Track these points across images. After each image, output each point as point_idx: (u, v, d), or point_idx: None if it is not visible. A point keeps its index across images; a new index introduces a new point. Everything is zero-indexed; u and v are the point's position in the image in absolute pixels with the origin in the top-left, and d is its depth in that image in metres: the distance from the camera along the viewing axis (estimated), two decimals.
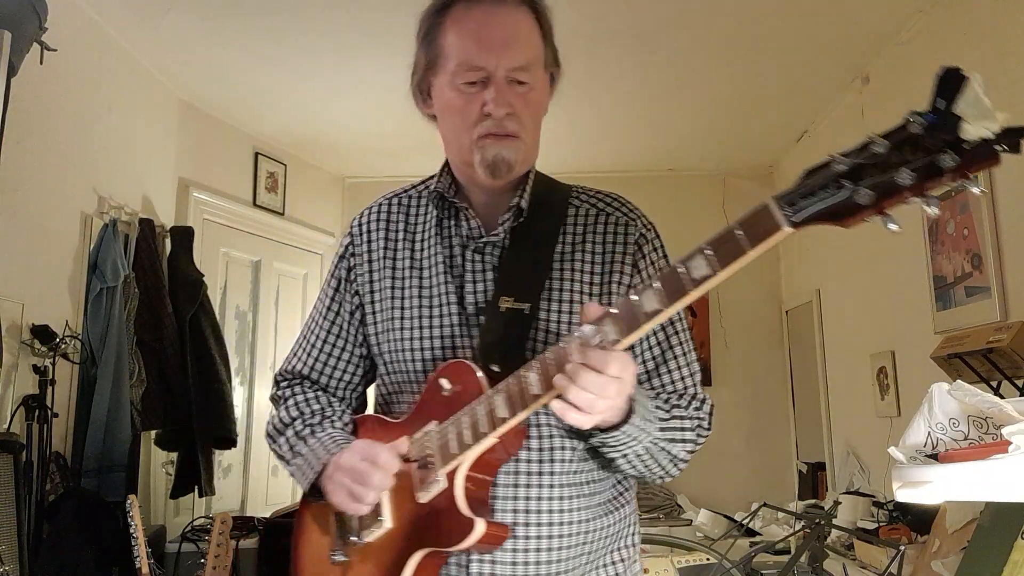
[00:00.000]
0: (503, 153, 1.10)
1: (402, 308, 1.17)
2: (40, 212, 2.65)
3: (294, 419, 1.20)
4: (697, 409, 1.14)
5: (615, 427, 0.99)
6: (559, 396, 0.91)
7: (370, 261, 1.21)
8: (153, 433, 3.20)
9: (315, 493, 1.12)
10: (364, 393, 1.31)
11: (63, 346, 2.55)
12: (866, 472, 3.45)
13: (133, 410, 2.86)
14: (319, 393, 1.25)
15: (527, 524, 1.07)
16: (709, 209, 4.60)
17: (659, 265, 1.17)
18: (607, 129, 4.11)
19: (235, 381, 3.81)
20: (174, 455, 3.30)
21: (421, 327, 1.14)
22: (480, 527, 0.99)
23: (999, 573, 1.24)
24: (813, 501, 3.78)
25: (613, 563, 1.16)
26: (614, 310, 0.90)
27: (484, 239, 1.15)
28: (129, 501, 2.21)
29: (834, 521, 2.42)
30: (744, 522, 3.06)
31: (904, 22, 2.98)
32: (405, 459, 1.06)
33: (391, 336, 1.17)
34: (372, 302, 1.20)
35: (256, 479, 4.12)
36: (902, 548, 2.07)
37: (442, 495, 1.02)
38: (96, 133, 3.02)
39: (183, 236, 3.46)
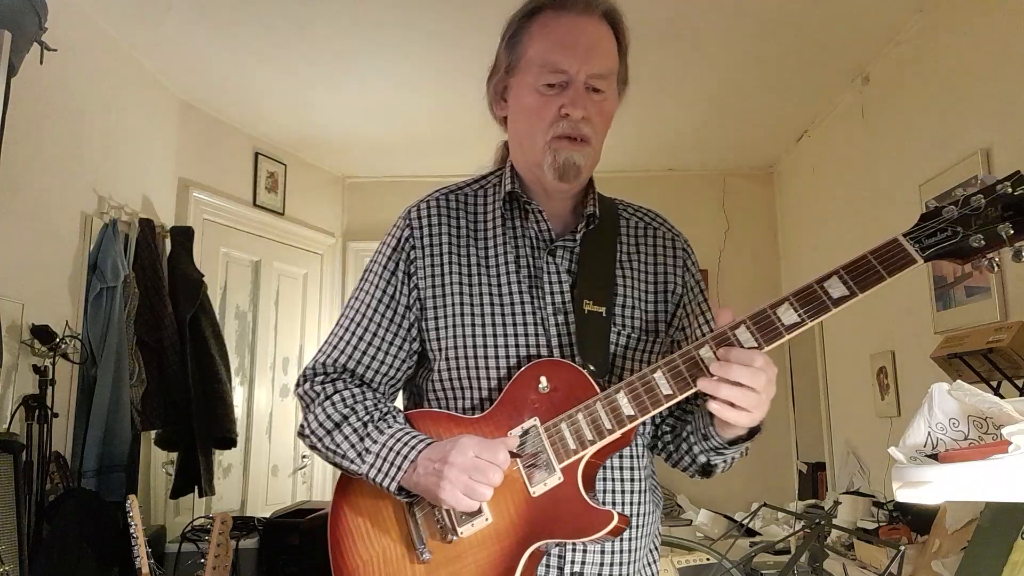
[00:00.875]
0: (574, 157, 1.14)
1: (472, 305, 1.16)
2: (40, 212, 2.65)
3: (346, 416, 1.15)
4: None
5: (742, 440, 1.10)
6: (706, 397, 0.99)
7: (432, 255, 1.19)
8: (153, 433, 3.20)
9: (400, 490, 1.10)
10: (400, 390, 1.29)
11: (63, 346, 2.55)
12: (866, 472, 3.44)
13: (133, 410, 2.86)
14: (363, 388, 1.20)
15: (627, 516, 1.13)
16: (709, 209, 4.61)
17: (697, 278, 1.28)
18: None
19: (235, 381, 3.81)
20: (174, 455, 3.30)
21: (495, 324, 1.15)
22: (616, 518, 1.03)
23: (999, 573, 1.24)
24: (813, 501, 3.78)
25: (651, 550, 1.24)
26: (749, 320, 1.00)
27: (558, 243, 1.19)
28: (129, 501, 2.20)
29: (834, 521, 2.42)
30: (744, 522, 3.06)
31: (904, 22, 2.98)
32: (514, 455, 1.07)
33: (460, 332, 1.16)
34: (435, 296, 1.18)
35: (256, 479, 4.12)
36: (902, 548, 2.07)
37: (560, 488, 1.05)
38: (96, 133, 3.02)
39: (183, 236, 3.46)
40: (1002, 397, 1.21)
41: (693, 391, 1.01)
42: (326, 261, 4.77)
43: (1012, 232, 0.91)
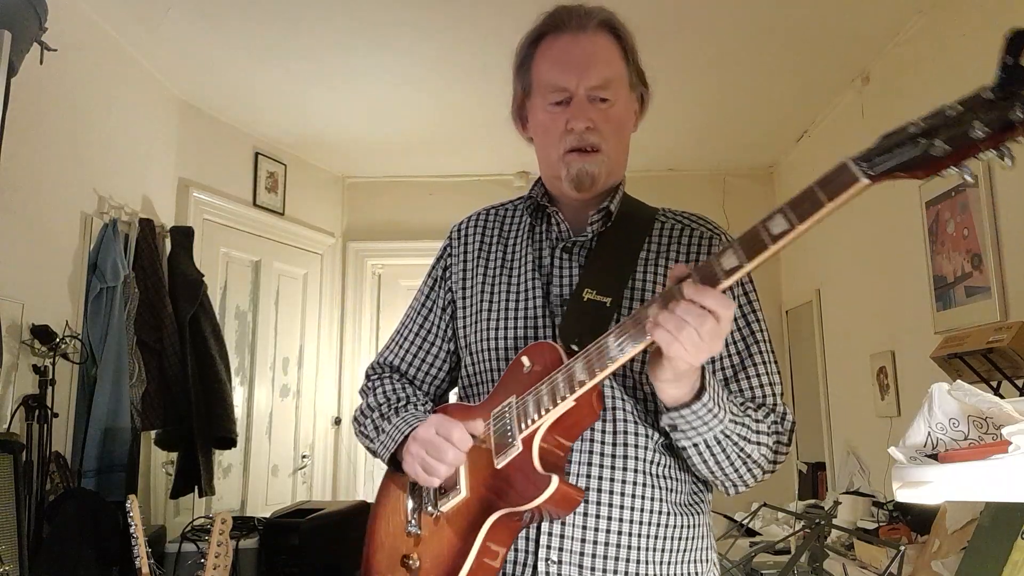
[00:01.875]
0: (587, 167, 1.19)
1: (490, 302, 1.25)
2: (40, 212, 2.65)
3: (380, 404, 1.29)
4: (776, 423, 1.16)
5: (687, 404, 1.03)
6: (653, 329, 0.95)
7: (464, 261, 1.32)
8: (153, 433, 3.20)
9: (396, 466, 1.20)
10: (447, 392, 1.39)
11: (63, 346, 2.55)
12: (866, 472, 3.45)
13: (133, 410, 2.86)
14: (405, 384, 1.34)
15: (599, 503, 1.11)
16: (709, 209, 4.54)
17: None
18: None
19: (235, 381, 3.81)
20: (174, 455, 3.30)
21: (506, 317, 1.22)
22: (554, 483, 1.02)
23: (999, 573, 1.24)
24: (813, 501, 3.78)
25: (696, 573, 1.17)
26: (694, 270, 0.95)
27: (573, 239, 1.24)
28: (129, 501, 2.20)
29: (834, 521, 2.42)
30: (744, 522, 3.06)
31: (904, 22, 2.98)
32: (481, 438, 1.12)
33: (478, 327, 1.25)
34: (463, 297, 1.30)
35: (256, 479, 4.12)
36: (902, 548, 2.07)
37: (518, 458, 1.07)
38: (96, 133, 3.02)
39: (183, 236, 3.46)
40: (1002, 397, 1.21)
41: (638, 349, 0.98)
42: (326, 261, 4.77)
43: (986, 131, 0.75)
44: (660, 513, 1.13)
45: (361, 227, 4.89)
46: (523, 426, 1.08)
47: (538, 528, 1.12)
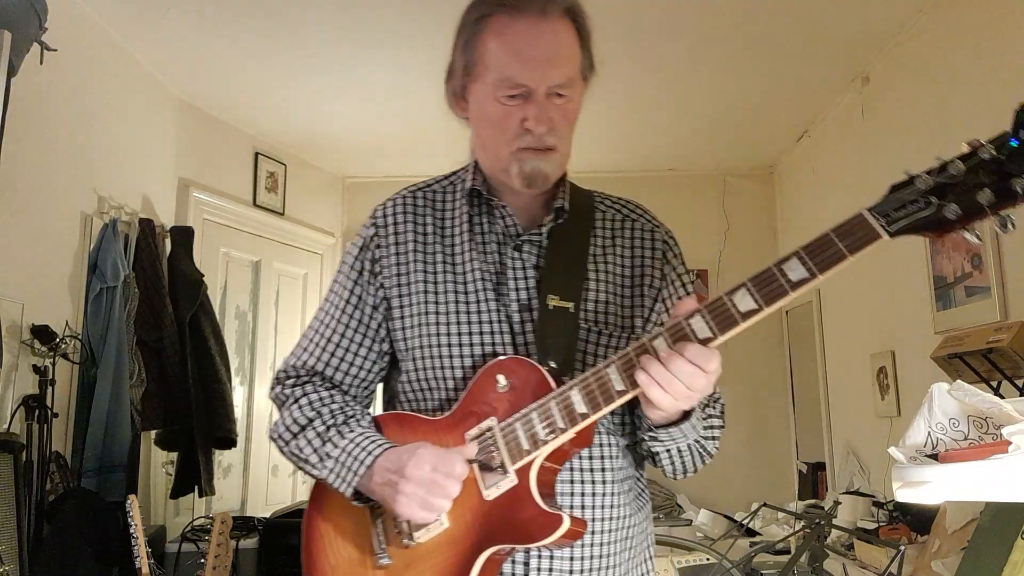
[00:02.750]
0: (541, 166, 1.12)
1: (436, 303, 1.15)
2: (40, 212, 2.65)
3: (311, 419, 1.14)
4: (721, 414, 1.19)
5: (676, 423, 1.04)
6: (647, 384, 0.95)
7: (398, 253, 1.19)
8: (153, 433, 3.20)
9: (357, 496, 1.09)
10: (374, 392, 1.27)
11: (63, 346, 2.55)
12: (866, 472, 3.44)
13: (133, 410, 2.86)
14: (333, 391, 1.19)
15: (585, 520, 1.10)
16: (709, 209, 4.61)
17: (679, 271, 1.22)
18: (607, 129, 4.11)
19: (235, 381, 3.81)
20: (174, 455, 3.30)
21: (459, 322, 1.13)
22: (567, 522, 0.99)
23: (999, 573, 1.24)
24: (813, 501, 3.78)
25: (646, 560, 1.20)
26: (705, 308, 0.94)
27: (524, 237, 1.16)
28: (129, 501, 2.20)
29: (834, 521, 2.42)
30: (744, 522, 3.06)
31: (904, 22, 2.98)
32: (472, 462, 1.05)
33: (425, 331, 1.14)
34: (400, 295, 1.17)
35: (256, 479, 4.12)
36: (902, 548, 2.07)
37: (514, 491, 1.02)
38: (96, 133, 3.02)
39: (183, 236, 3.46)
40: (1002, 397, 1.21)
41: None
42: (326, 261, 4.77)
43: (993, 200, 0.81)
44: (626, 516, 1.15)
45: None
46: (515, 456, 1.02)
47: (527, 551, 1.07)
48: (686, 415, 1.03)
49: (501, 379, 1.06)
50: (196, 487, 3.21)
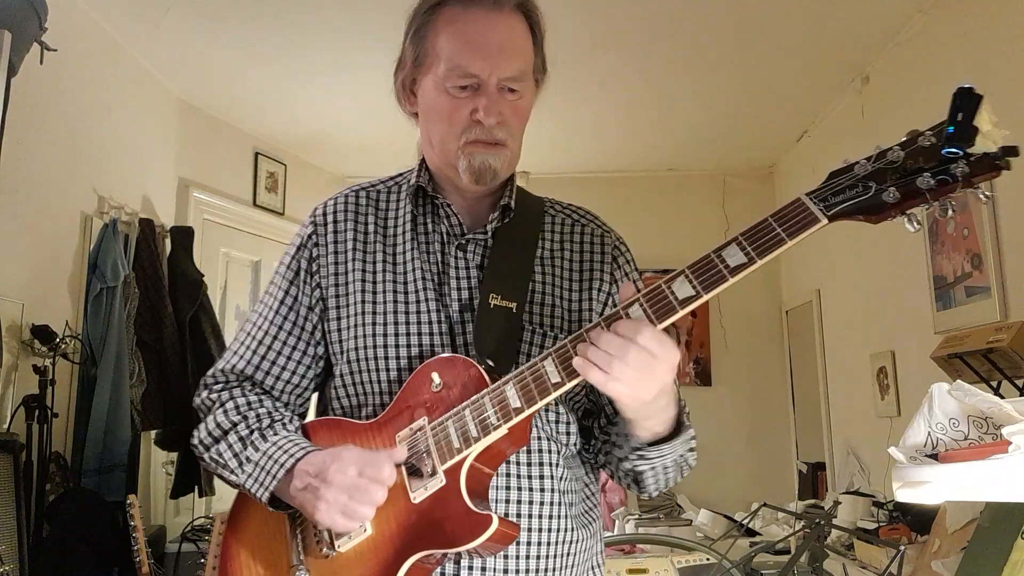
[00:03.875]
0: (489, 161, 1.08)
1: (374, 303, 1.10)
2: (40, 212, 2.65)
3: (235, 424, 1.08)
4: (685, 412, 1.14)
5: (665, 440, 1.01)
6: (598, 373, 0.90)
7: (336, 252, 1.14)
8: (153, 433, 3.20)
9: (275, 504, 1.03)
10: (309, 400, 1.20)
11: (63, 346, 2.55)
12: (866, 472, 3.44)
13: (133, 410, 2.86)
14: (262, 396, 1.13)
15: (518, 524, 1.04)
16: (709, 209, 4.60)
17: (632, 278, 1.19)
18: (607, 130, 4.11)
19: None
20: (174, 455, 3.30)
21: (397, 323, 1.08)
22: (494, 524, 0.93)
23: (999, 573, 1.24)
24: (813, 501, 3.78)
25: None
26: (643, 297, 0.91)
27: (468, 236, 1.12)
28: (129, 501, 2.20)
29: (834, 521, 2.42)
30: (744, 522, 3.05)
31: (904, 22, 2.98)
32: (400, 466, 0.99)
33: (360, 332, 1.09)
34: (337, 296, 1.12)
35: None
36: (902, 548, 2.07)
37: (442, 491, 0.97)
38: (96, 133, 3.02)
39: (183, 236, 3.46)
40: (1002, 397, 1.21)
41: (581, 377, 0.92)
42: None
43: (933, 184, 0.80)
44: (568, 530, 1.09)
45: None
46: (445, 455, 0.97)
47: (456, 563, 1.02)
48: (677, 431, 1.02)
49: (435, 377, 1.01)
50: (196, 487, 3.22)
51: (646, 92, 3.68)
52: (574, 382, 0.93)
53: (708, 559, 2.54)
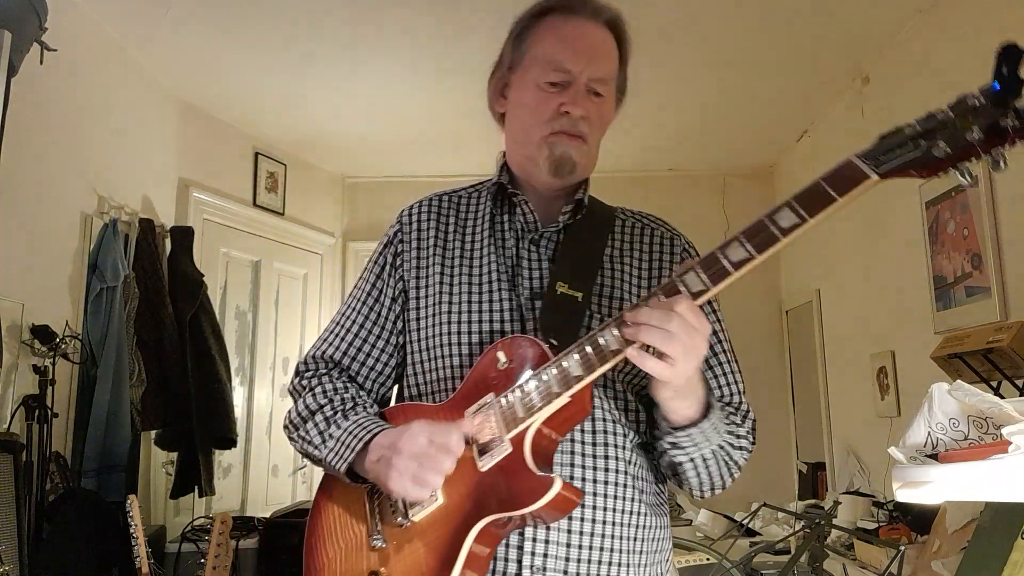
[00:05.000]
0: (570, 151, 1.15)
1: (450, 294, 1.17)
2: (40, 212, 2.65)
3: (322, 406, 1.16)
4: (752, 431, 1.18)
5: (695, 423, 1.03)
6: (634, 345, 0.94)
7: (419, 248, 1.22)
8: (153, 433, 3.20)
9: (353, 477, 1.10)
10: (391, 389, 1.27)
11: (63, 346, 2.55)
12: (866, 472, 3.45)
13: (133, 410, 2.86)
14: (348, 383, 1.21)
15: (583, 505, 1.07)
16: (709, 209, 4.61)
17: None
18: (607, 130, 4.11)
19: (235, 381, 3.81)
20: (174, 455, 3.30)
21: (470, 311, 1.15)
22: (557, 485, 0.96)
23: (999, 573, 1.24)
24: (813, 501, 3.78)
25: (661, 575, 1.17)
26: (697, 263, 0.95)
27: (542, 231, 1.19)
28: (129, 501, 2.21)
29: (834, 521, 2.42)
30: (744, 522, 3.06)
31: (904, 22, 2.98)
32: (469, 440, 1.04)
33: (435, 321, 1.16)
34: (417, 288, 1.20)
35: (256, 479, 4.12)
36: (902, 548, 2.07)
37: (508, 459, 1.01)
38: (96, 133, 3.02)
39: (183, 236, 3.46)
40: (1002, 397, 1.21)
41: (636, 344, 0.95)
42: (326, 261, 4.77)
43: (982, 137, 0.83)
44: (638, 514, 1.11)
45: (361, 227, 4.89)
46: (511, 424, 1.01)
47: (521, 534, 1.06)
48: (705, 415, 1.03)
49: (501, 356, 1.06)
50: (196, 487, 3.21)
51: (646, 92, 3.68)
52: (633, 346, 0.96)
53: (708, 559, 2.54)
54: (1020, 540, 1.24)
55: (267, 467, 4.20)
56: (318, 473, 4.05)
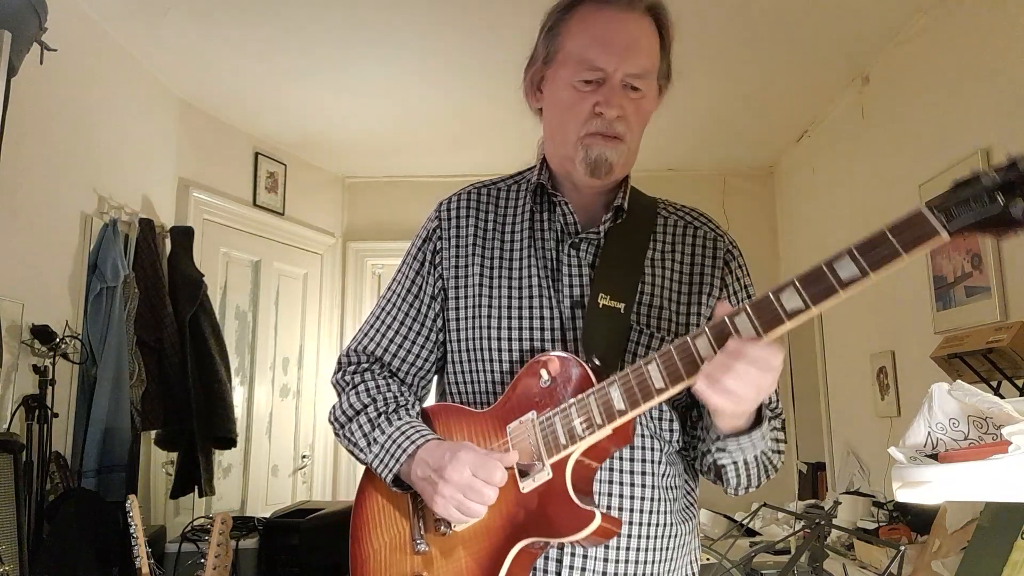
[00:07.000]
0: (606, 154, 1.12)
1: (490, 296, 1.16)
2: (40, 212, 2.65)
3: (366, 405, 1.17)
4: (778, 418, 1.16)
5: (744, 432, 1.02)
6: (707, 384, 0.91)
7: (458, 246, 1.21)
8: (153, 433, 3.20)
9: (398, 484, 1.12)
10: (430, 382, 1.28)
11: (63, 346, 2.55)
12: (866, 472, 3.44)
13: (133, 410, 2.86)
14: (389, 380, 1.22)
15: (620, 520, 1.08)
16: (709, 209, 4.52)
17: (744, 283, 1.23)
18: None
19: (235, 381, 3.81)
20: (174, 455, 3.30)
21: (511, 317, 1.14)
22: (597, 519, 0.98)
23: (999, 573, 1.24)
24: (813, 501, 3.78)
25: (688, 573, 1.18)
26: (749, 307, 0.92)
27: (582, 235, 1.16)
28: (129, 501, 2.20)
29: (834, 521, 2.42)
30: (744, 522, 3.06)
31: (904, 22, 2.98)
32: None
33: (476, 324, 1.16)
34: (456, 287, 1.19)
35: (256, 479, 4.12)
36: (902, 548, 2.07)
37: (548, 484, 1.02)
38: (96, 133, 3.02)
39: (183, 236, 3.46)
40: (1002, 397, 1.21)
41: (686, 384, 0.94)
42: (326, 261, 4.77)
43: None
44: (668, 525, 1.13)
45: (361, 227, 4.89)
46: (552, 450, 1.02)
47: (560, 547, 1.08)
48: (756, 424, 1.02)
49: (544, 374, 1.07)
50: (196, 487, 3.21)
51: None
52: (677, 388, 0.95)
53: (708, 559, 2.54)
54: (1020, 540, 1.24)
55: (267, 467, 4.21)
56: (318, 473, 4.07)
